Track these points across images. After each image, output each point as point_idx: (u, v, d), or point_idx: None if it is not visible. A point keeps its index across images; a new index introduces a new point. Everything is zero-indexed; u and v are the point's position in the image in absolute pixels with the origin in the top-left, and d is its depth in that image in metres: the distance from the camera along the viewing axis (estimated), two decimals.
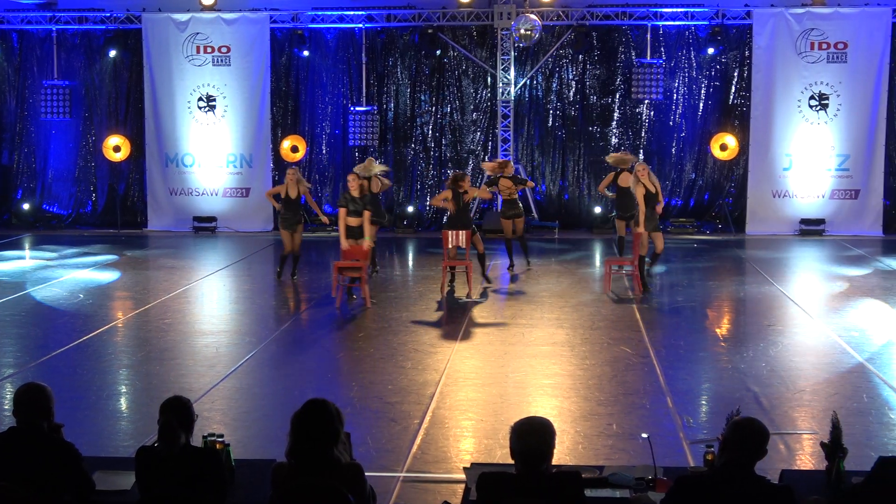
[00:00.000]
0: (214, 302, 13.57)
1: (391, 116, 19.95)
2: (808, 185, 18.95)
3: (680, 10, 19.05)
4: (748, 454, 4.23)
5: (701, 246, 17.84)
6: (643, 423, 7.76)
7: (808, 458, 7.03)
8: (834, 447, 4.99)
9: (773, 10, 18.80)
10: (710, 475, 4.38)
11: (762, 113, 18.92)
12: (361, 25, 19.58)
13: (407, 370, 9.44)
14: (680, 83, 19.46)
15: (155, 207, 20.12)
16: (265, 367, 9.77)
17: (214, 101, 19.75)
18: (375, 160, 15.12)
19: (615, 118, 19.68)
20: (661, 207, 13.77)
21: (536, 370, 9.46)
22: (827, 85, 18.69)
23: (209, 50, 19.64)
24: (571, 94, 19.73)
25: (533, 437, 4.33)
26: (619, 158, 15.25)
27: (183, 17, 19.59)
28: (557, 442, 4.47)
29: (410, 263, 16.69)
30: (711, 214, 19.67)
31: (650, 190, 13.14)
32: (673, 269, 15.26)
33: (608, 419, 7.90)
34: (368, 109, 19.44)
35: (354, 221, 12.83)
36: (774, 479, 4.93)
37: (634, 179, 13.29)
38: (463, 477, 5.33)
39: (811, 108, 18.78)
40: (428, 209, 19.99)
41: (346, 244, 12.75)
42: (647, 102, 19.35)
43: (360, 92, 19.75)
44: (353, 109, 19.50)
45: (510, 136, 19.57)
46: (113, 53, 20.01)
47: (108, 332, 11.24)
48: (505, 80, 19.49)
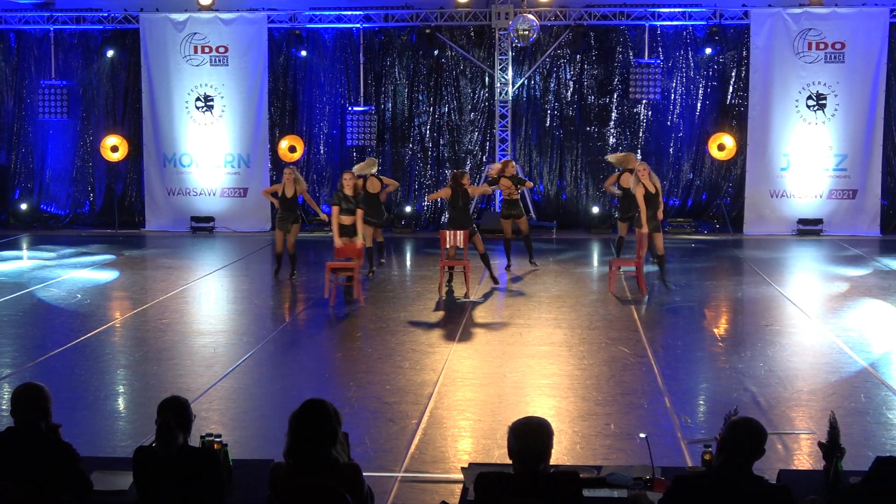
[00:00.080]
0: (212, 302, 13.57)
1: (389, 116, 19.95)
2: (805, 185, 18.96)
3: (678, 10, 19.06)
4: (746, 454, 4.24)
5: (699, 246, 17.85)
6: (641, 422, 7.76)
7: (805, 457, 7.03)
8: (832, 447, 4.99)
9: (770, 10, 18.81)
10: (707, 475, 4.38)
11: (760, 113, 18.93)
12: (359, 25, 19.57)
13: (405, 370, 9.43)
14: (678, 83, 19.46)
15: (153, 207, 20.11)
16: (263, 367, 9.76)
17: (212, 101, 19.74)
18: (377, 161, 15.15)
19: (613, 118, 19.67)
20: (661, 213, 13.44)
21: (534, 370, 9.46)
22: (824, 85, 18.70)
23: (207, 50, 19.63)
24: (569, 94, 19.73)
25: (531, 437, 4.33)
26: (621, 159, 15.10)
27: (180, 17, 19.57)
28: (555, 442, 4.47)
29: (408, 263, 16.68)
30: (709, 214, 19.67)
31: (650, 190, 13.08)
32: (671, 269, 15.21)
33: (606, 419, 7.90)
34: (366, 109, 19.44)
35: (347, 220, 12.86)
36: (772, 478, 4.93)
37: (635, 180, 13.16)
38: (461, 477, 5.33)
39: (809, 108, 18.79)
40: (426, 209, 19.99)
41: (339, 242, 12.78)
42: (644, 102, 19.35)
43: (357, 92, 19.75)
44: (350, 109, 19.50)
45: (508, 136, 19.57)
46: (110, 53, 19.99)
47: (105, 332, 11.24)
48: (503, 80, 19.49)
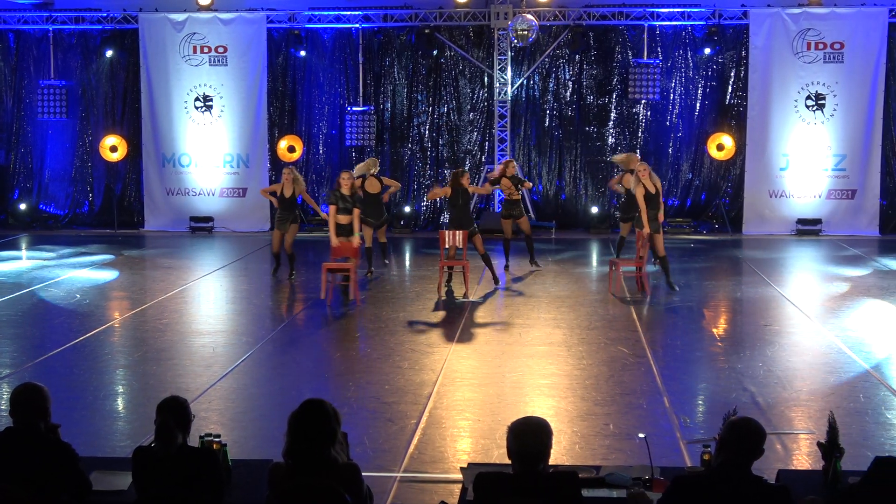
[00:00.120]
0: (211, 302, 13.56)
1: (388, 116, 19.95)
2: (804, 185, 18.96)
3: (676, 10, 19.06)
4: (745, 454, 4.24)
5: (698, 246, 17.85)
6: (640, 422, 7.76)
7: (804, 457, 7.03)
8: (831, 447, 4.99)
9: (769, 10, 18.82)
10: (707, 475, 4.38)
11: (759, 113, 18.93)
12: (358, 25, 19.57)
13: (404, 370, 9.43)
14: (677, 83, 19.46)
15: (152, 207, 20.11)
16: (262, 367, 9.76)
17: (211, 101, 19.74)
18: (378, 161, 15.16)
19: (612, 118, 19.67)
20: (661, 215, 13.41)
21: (533, 370, 9.46)
22: (823, 85, 18.71)
23: (206, 50, 19.63)
24: (568, 94, 19.73)
25: (530, 437, 4.33)
26: (624, 159, 15.02)
27: (180, 17, 19.57)
28: (554, 442, 4.47)
29: (407, 263, 16.68)
30: (708, 214, 19.68)
31: (650, 190, 13.06)
32: (671, 269, 15.24)
33: (605, 419, 7.90)
34: (365, 109, 19.44)
35: (344, 219, 12.89)
36: (771, 478, 4.93)
37: (635, 180, 13.14)
38: (460, 477, 5.33)
39: (808, 108, 18.80)
40: (425, 209, 20.00)
41: (335, 241, 12.82)
42: (643, 102, 19.35)
43: (356, 92, 19.75)
44: (349, 109, 19.50)
45: (507, 136, 19.57)
46: (109, 53, 19.98)
47: (104, 332, 11.23)
48: (502, 80, 19.49)
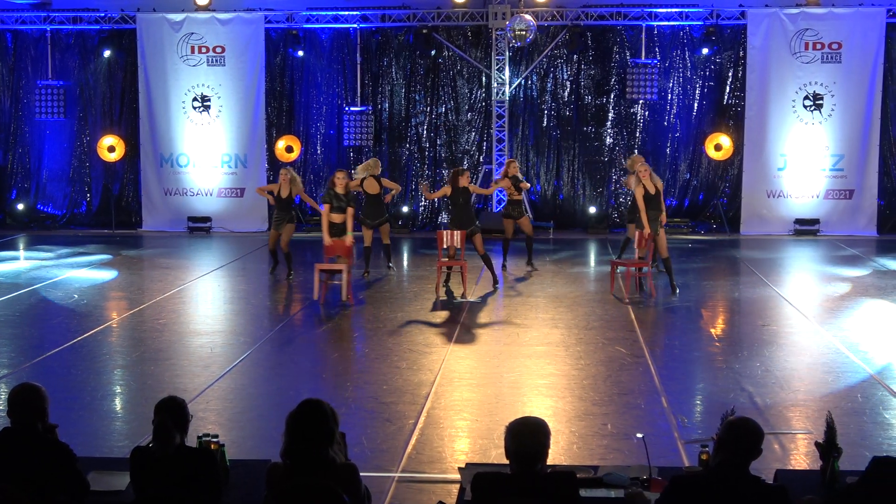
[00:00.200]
0: (209, 302, 13.56)
1: (386, 116, 19.95)
2: (802, 185, 18.98)
3: (674, 10, 19.07)
4: (743, 454, 4.24)
5: (696, 246, 17.86)
6: (638, 422, 7.76)
7: (802, 457, 7.03)
8: (828, 447, 4.99)
9: (767, 10, 18.83)
10: (704, 475, 4.38)
11: (756, 113, 18.95)
12: (356, 25, 19.57)
13: (402, 370, 9.43)
14: (674, 83, 19.47)
15: (149, 207, 20.11)
16: (260, 367, 9.75)
17: (209, 101, 19.73)
18: (379, 162, 15.14)
19: (610, 118, 19.68)
20: (664, 216, 13.41)
21: (531, 370, 9.46)
22: (821, 85, 18.72)
23: (204, 50, 19.62)
24: (566, 94, 19.74)
25: (528, 437, 4.33)
26: (630, 162, 14.97)
27: (177, 17, 19.57)
28: (552, 442, 4.48)
29: (406, 263, 16.67)
30: (706, 214, 19.69)
31: (649, 191, 13.04)
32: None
33: (603, 419, 7.90)
34: (363, 109, 19.44)
35: (338, 218, 12.92)
36: (769, 478, 4.93)
37: (636, 180, 13.18)
38: (458, 477, 5.33)
39: (805, 108, 18.81)
40: (423, 209, 20.00)
41: (328, 240, 12.84)
42: (641, 102, 19.37)
43: (354, 92, 19.74)
44: (347, 109, 19.50)
45: (505, 136, 19.57)
46: (107, 53, 19.97)
47: (102, 332, 11.23)
48: (500, 80, 19.50)
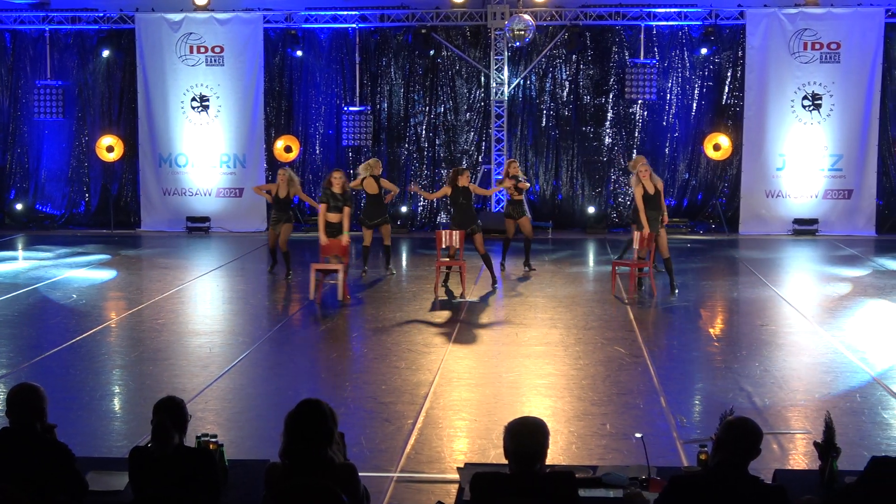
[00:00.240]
0: (208, 302, 13.55)
1: (385, 116, 19.94)
2: (801, 185, 18.98)
3: (673, 10, 19.07)
4: (742, 454, 4.24)
5: (694, 246, 17.86)
6: (637, 422, 7.76)
7: (801, 457, 7.04)
8: (827, 447, 4.99)
9: (766, 10, 18.83)
10: (703, 475, 4.39)
11: (755, 113, 18.95)
12: (355, 25, 19.56)
13: (401, 370, 9.43)
14: (673, 83, 19.48)
15: (148, 208, 20.10)
16: (259, 367, 9.75)
17: (208, 101, 19.72)
18: (380, 163, 15.14)
19: (609, 118, 19.68)
20: (666, 217, 13.39)
21: (530, 370, 9.46)
22: (820, 85, 18.72)
23: (202, 50, 19.61)
24: (565, 94, 19.73)
25: (527, 437, 4.33)
26: (632, 163, 15.01)
27: (176, 16, 19.56)
28: (551, 442, 4.48)
29: (404, 263, 16.67)
30: (705, 214, 19.70)
31: (648, 191, 13.03)
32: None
33: (602, 419, 7.90)
34: (362, 109, 19.43)
35: (335, 217, 12.90)
36: (768, 478, 4.93)
37: (635, 180, 13.18)
38: (457, 477, 5.33)
39: (804, 108, 18.81)
40: (421, 209, 20.00)
41: (324, 239, 12.84)
42: (640, 102, 19.37)
43: (353, 92, 19.74)
44: (346, 109, 19.49)
45: (504, 136, 19.57)
46: (106, 53, 19.97)
47: (101, 332, 11.22)
48: (498, 80, 19.49)
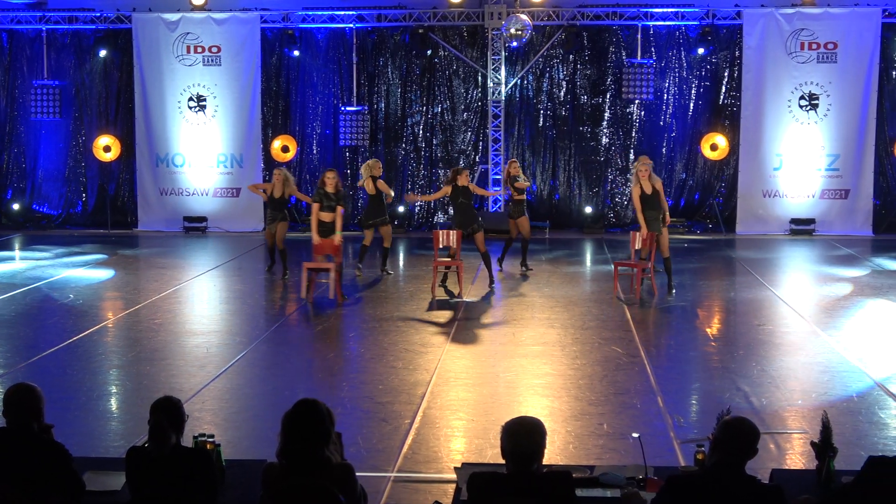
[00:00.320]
0: (205, 302, 13.55)
1: (382, 116, 19.94)
2: (798, 184, 19.00)
3: (670, 10, 19.08)
4: (739, 454, 4.24)
5: (691, 246, 17.87)
6: (634, 422, 7.76)
7: (798, 457, 7.04)
8: (824, 446, 5.00)
9: (763, 10, 18.85)
10: (700, 475, 4.39)
11: (752, 113, 18.96)
12: (352, 25, 19.56)
13: (398, 370, 9.43)
14: (670, 83, 19.48)
15: (145, 207, 20.08)
16: (256, 367, 9.75)
17: (205, 100, 19.71)
18: (379, 163, 15.13)
19: (606, 118, 19.69)
20: (668, 217, 13.39)
21: (527, 370, 9.46)
22: (817, 85, 18.74)
23: (199, 50, 19.60)
24: (562, 94, 19.74)
25: (524, 436, 4.33)
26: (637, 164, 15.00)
27: (173, 16, 19.54)
28: (548, 442, 4.48)
29: (401, 263, 16.67)
30: (702, 214, 19.71)
31: (646, 191, 13.02)
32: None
33: (599, 419, 7.90)
34: (359, 109, 19.42)
35: (327, 217, 12.91)
36: (765, 478, 4.94)
37: (634, 180, 13.18)
38: (454, 477, 5.33)
39: (801, 108, 18.82)
40: (419, 209, 20.00)
41: (317, 239, 12.84)
42: (637, 102, 19.37)
43: (350, 92, 19.73)
44: (343, 109, 19.48)
45: (501, 136, 19.57)
46: (103, 53, 19.96)
47: (98, 332, 11.21)
48: (495, 80, 19.50)
